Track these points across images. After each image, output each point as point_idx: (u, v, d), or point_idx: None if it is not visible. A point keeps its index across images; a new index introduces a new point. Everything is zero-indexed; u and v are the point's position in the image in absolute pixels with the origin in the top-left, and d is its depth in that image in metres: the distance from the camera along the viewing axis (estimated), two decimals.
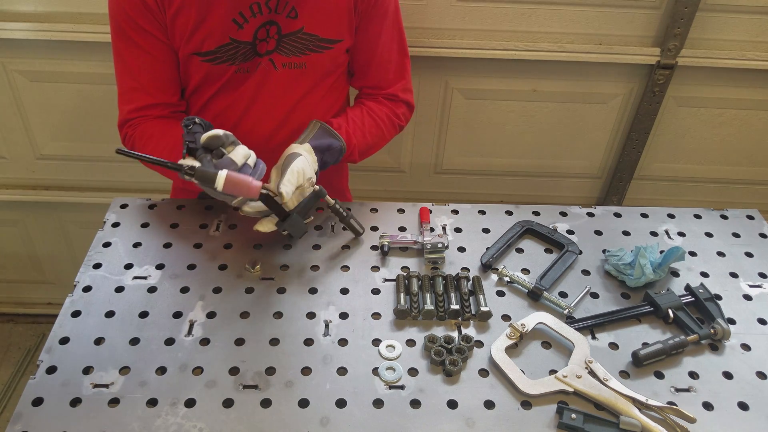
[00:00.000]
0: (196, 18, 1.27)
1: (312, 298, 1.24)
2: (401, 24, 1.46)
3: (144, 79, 1.35)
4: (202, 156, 1.15)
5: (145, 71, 1.34)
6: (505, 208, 1.48)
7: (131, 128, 1.37)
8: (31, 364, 2.48)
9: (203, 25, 1.28)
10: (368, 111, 1.46)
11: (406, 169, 2.20)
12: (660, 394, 1.09)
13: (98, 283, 1.25)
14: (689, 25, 1.82)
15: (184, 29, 1.29)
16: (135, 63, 1.33)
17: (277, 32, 1.33)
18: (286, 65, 1.37)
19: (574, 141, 2.13)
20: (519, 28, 1.86)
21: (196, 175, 1.12)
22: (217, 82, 1.37)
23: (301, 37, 1.35)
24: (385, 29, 1.41)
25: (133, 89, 1.36)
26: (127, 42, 1.31)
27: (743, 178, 2.22)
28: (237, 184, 1.13)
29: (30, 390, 1.05)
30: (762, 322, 1.24)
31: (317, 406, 1.05)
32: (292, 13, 1.31)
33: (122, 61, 1.35)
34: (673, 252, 1.29)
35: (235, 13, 1.28)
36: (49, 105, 2.00)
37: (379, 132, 1.46)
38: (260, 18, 1.30)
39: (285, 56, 1.36)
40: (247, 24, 1.30)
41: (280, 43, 1.34)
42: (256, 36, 1.32)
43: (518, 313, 1.23)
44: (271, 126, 1.42)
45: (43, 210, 2.27)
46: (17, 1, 1.79)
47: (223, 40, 1.30)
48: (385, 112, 1.48)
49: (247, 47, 1.33)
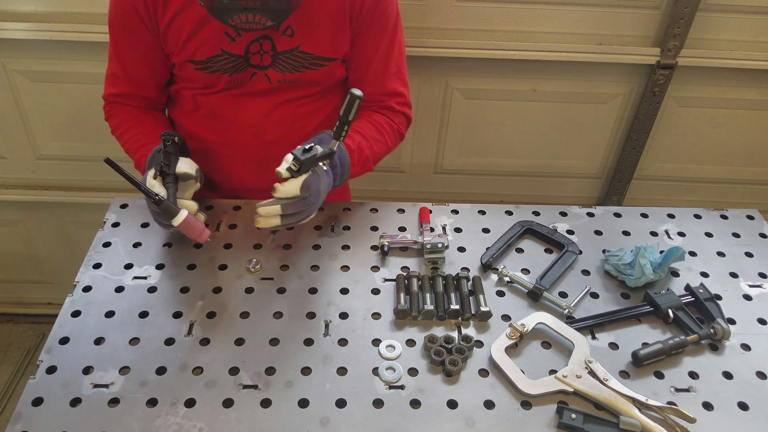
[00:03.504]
0: (190, 29, 1.28)
1: (312, 298, 1.24)
2: (402, 39, 1.45)
3: (129, 70, 1.40)
4: (169, 184, 1.25)
5: (132, 64, 1.39)
6: (505, 208, 1.48)
7: (110, 106, 1.47)
8: (31, 364, 2.48)
9: (195, 36, 1.29)
10: (368, 119, 1.45)
11: (406, 169, 2.20)
12: (660, 394, 1.09)
13: (98, 283, 1.25)
14: (689, 25, 1.82)
15: (177, 38, 1.30)
16: (125, 53, 1.38)
17: (271, 48, 1.33)
18: (281, 81, 1.39)
19: (574, 141, 2.13)
20: (519, 28, 1.86)
21: (161, 206, 1.20)
22: (212, 88, 1.39)
23: (297, 55, 1.35)
24: (383, 44, 1.40)
25: (117, 76, 1.42)
26: (122, 33, 1.35)
27: (743, 178, 2.22)
28: (192, 227, 1.23)
29: (30, 390, 1.05)
30: (762, 322, 1.24)
31: (317, 406, 1.05)
32: (288, 31, 1.31)
33: (115, 46, 1.38)
34: (673, 252, 1.29)
35: (228, 27, 1.28)
36: (49, 105, 2.00)
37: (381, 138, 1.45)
38: (253, 33, 1.30)
39: (280, 72, 1.37)
40: (239, 38, 1.30)
41: (275, 60, 1.35)
42: (248, 50, 1.32)
43: (518, 313, 1.23)
44: (259, 126, 1.43)
45: (43, 210, 2.27)
46: (17, 1, 1.79)
47: (215, 51, 1.31)
48: (384, 119, 1.47)
49: (239, 60, 1.33)
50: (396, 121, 1.49)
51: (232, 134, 1.44)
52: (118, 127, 1.45)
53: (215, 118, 1.43)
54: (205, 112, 1.44)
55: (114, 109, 1.46)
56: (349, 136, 1.37)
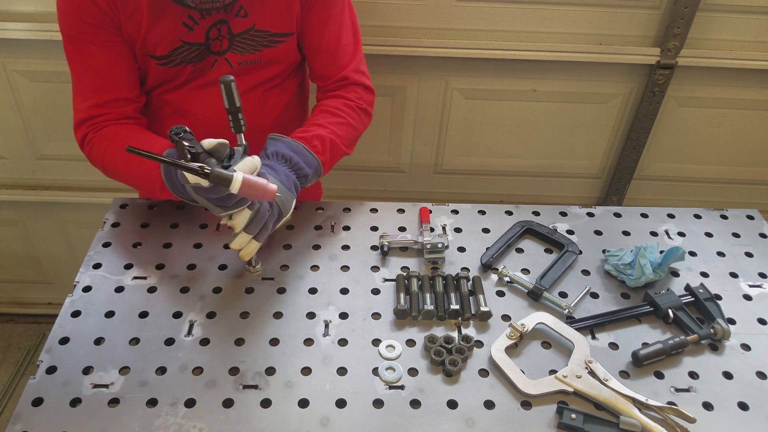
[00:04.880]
0: (147, 22, 1.27)
1: (312, 298, 1.24)
2: (352, 9, 1.45)
3: (101, 76, 1.32)
4: (208, 160, 1.09)
5: (102, 68, 1.31)
6: (505, 208, 1.48)
7: (92, 129, 1.34)
8: (31, 364, 2.48)
9: (153, 29, 1.28)
10: (320, 108, 1.44)
11: (406, 169, 2.20)
12: (660, 394, 1.09)
13: (98, 283, 1.25)
14: (689, 25, 1.82)
15: (137, 33, 1.28)
16: (90, 62, 1.30)
17: (228, 32, 1.33)
18: (242, 63, 1.38)
19: (574, 141, 2.13)
20: (519, 28, 1.86)
21: (210, 176, 1.04)
22: (174, 81, 1.38)
23: (253, 35, 1.35)
24: (334, 15, 1.40)
25: (90, 87, 1.33)
26: (81, 45, 1.28)
27: (743, 178, 2.22)
28: (253, 186, 1.06)
29: (30, 390, 1.05)
30: (762, 322, 1.24)
31: (317, 406, 1.05)
32: (242, 12, 1.31)
33: (75, 63, 1.32)
34: (673, 252, 1.29)
35: (184, 17, 1.28)
36: (49, 105, 2.00)
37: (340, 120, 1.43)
38: (209, 19, 1.30)
39: (240, 54, 1.37)
40: (197, 26, 1.30)
41: (232, 43, 1.35)
42: (208, 36, 1.32)
43: (518, 313, 1.23)
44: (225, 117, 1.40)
45: (43, 210, 2.27)
46: (17, 1, 1.79)
47: (175, 43, 1.31)
48: (339, 102, 1.45)
49: (201, 48, 1.33)
50: (353, 98, 1.46)
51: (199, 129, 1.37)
52: (110, 146, 1.32)
53: (180, 116, 1.42)
54: (169, 110, 1.42)
55: (96, 134, 1.33)
56: (303, 128, 1.37)
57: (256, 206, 1.17)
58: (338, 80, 1.47)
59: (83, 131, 1.35)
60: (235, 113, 1.14)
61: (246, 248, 1.20)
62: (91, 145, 1.35)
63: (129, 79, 1.35)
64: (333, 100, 1.46)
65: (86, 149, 1.37)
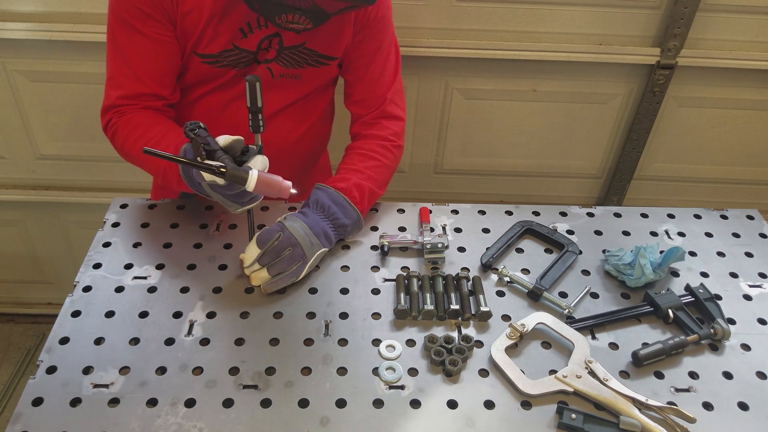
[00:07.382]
0: (206, 21, 1.27)
1: (312, 298, 1.24)
2: (394, 34, 1.47)
3: (139, 68, 1.30)
4: (223, 157, 1.08)
5: (143, 59, 1.29)
6: (505, 208, 1.48)
7: (117, 115, 1.33)
8: (31, 364, 2.48)
9: (210, 29, 1.28)
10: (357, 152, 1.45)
11: (406, 169, 2.20)
12: (660, 394, 1.09)
13: (98, 283, 1.25)
14: (689, 25, 1.82)
15: (192, 30, 1.28)
16: (133, 50, 1.29)
17: (279, 43, 1.34)
18: (283, 75, 1.39)
19: (574, 141, 2.13)
20: (519, 28, 1.86)
21: (226, 175, 1.05)
22: (214, 83, 1.38)
23: (301, 51, 1.36)
24: (383, 45, 1.43)
25: (126, 76, 1.31)
26: (128, 29, 1.27)
27: (743, 178, 2.22)
28: (269, 184, 1.08)
29: (30, 390, 1.05)
30: (762, 322, 1.24)
31: (317, 406, 1.05)
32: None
33: (117, 47, 1.30)
34: (673, 252, 1.29)
35: (243, 23, 1.28)
36: (49, 105, 2.00)
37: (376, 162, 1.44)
38: (265, 30, 1.31)
39: (283, 67, 1.37)
40: (252, 34, 1.31)
41: (280, 54, 1.35)
42: (259, 46, 1.33)
43: (518, 313, 1.23)
44: None
45: (43, 210, 2.27)
46: (17, 1, 1.79)
47: (227, 46, 1.31)
48: (373, 144, 1.46)
49: (250, 56, 1.34)
50: (387, 135, 1.47)
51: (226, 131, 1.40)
52: (131, 133, 1.30)
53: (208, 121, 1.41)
54: (197, 113, 1.42)
55: (120, 119, 1.32)
56: (341, 177, 1.37)
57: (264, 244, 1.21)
58: (375, 109, 1.47)
59: (108, 117, 1.35)
60: (255, 113, 1.14)
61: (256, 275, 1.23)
62: (115, 129, 1.33)
63: (167, 78, 1.34)
64: (368, 142, 1.46)
65: (109, 133, 1.36)
